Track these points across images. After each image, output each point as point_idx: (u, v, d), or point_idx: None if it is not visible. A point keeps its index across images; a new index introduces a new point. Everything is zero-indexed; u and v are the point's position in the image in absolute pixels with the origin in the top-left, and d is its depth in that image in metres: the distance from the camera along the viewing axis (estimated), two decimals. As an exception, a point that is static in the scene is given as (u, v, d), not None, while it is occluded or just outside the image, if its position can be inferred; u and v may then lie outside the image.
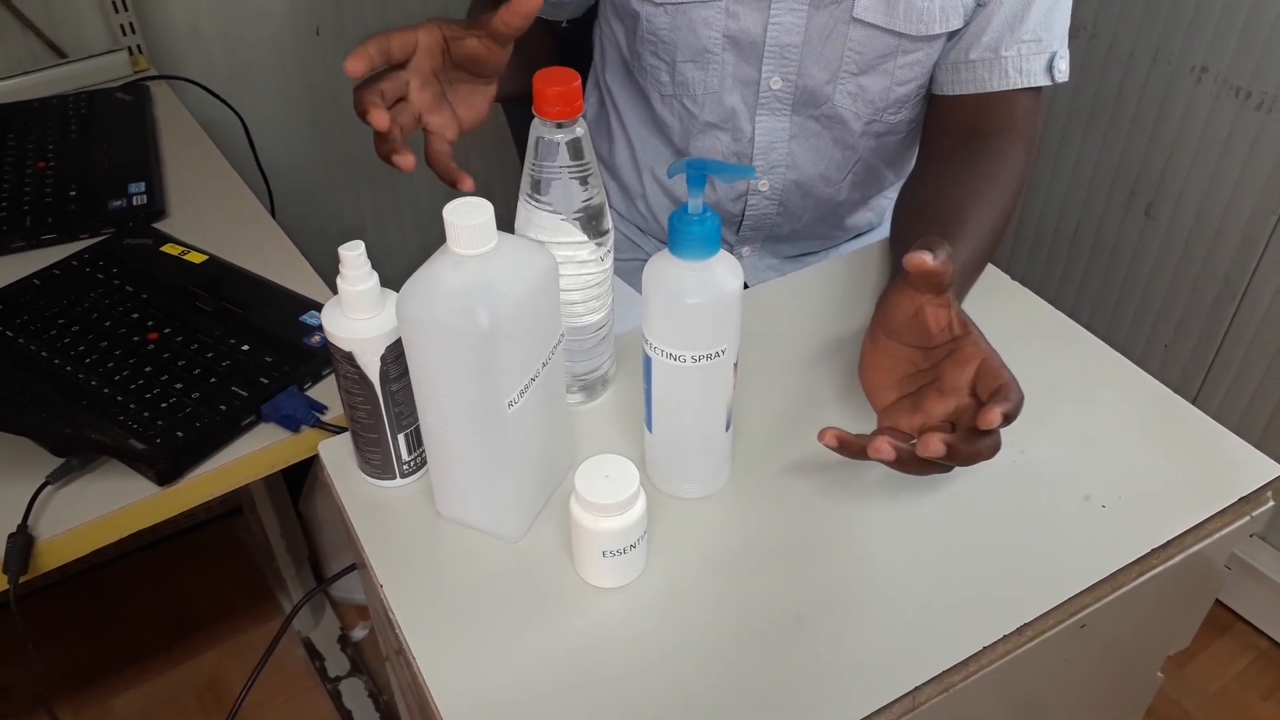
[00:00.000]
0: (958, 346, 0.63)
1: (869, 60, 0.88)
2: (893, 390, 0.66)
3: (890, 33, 0.86)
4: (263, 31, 1.35)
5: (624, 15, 0.92)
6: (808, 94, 0.91)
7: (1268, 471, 0.68)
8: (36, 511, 0.71)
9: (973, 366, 0.62)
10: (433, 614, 0.60)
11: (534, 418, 0.60)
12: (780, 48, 0.88)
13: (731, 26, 0.87)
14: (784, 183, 0.97)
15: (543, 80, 0.59)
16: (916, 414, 0.63)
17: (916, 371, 0.65)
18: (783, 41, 0.87)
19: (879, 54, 0.87)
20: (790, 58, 0.88)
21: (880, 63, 0.88)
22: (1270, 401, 1.34)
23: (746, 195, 0.98)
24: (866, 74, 0.89)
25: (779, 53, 0.88)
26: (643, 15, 0.89)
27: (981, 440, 0.59)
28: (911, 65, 0.88)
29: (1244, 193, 1.28)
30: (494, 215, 0.55)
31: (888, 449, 0.59)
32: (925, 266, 0.60)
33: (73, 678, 1.42)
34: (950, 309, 0.63)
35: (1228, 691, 1.41)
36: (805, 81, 0.90)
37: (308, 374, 0.81)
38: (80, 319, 0.85)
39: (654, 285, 0.58)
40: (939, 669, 0.57)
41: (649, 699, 0.56)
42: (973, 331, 0.63)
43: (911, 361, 0.65)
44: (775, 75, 0.89)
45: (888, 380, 0.66)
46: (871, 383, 0.67)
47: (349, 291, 0.60)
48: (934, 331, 0.64)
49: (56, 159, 1.06)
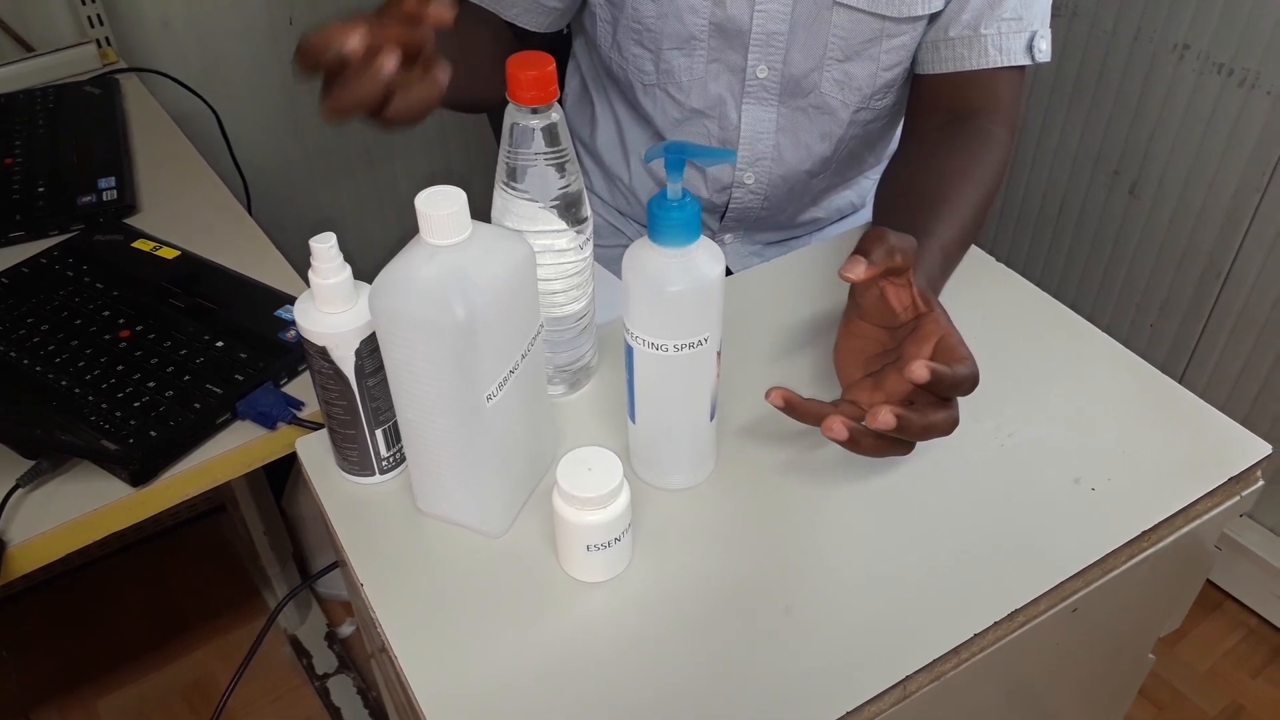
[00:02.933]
0: (919, 324, 0.63)
1: (854, 46, 0.87)
2: (859, 369, 0.66)
3: (873, 15, 0.85)
4: (235, 22, 1.33)
5: (610, 4, 0.91)
6: (794, 82, 0.90)
7: (1257, 450, 0.68)
8: (7, 516, 0.70)
9: (931, 343, 0.62)
10: (415, 612, 0.59)
11: (514, 411, 0.59)
12: (767, 35, 0.87)
13: (718, 14, 0.86)
14: (770, 177, 0.96)
15: (516, 64, 0.58)
16: (877, 391, 0.63)
17: (883, 351, 0.66)
18: (769, 29, 0.86)
19: (864, 39, 0.87)
20: (777, 45, 0.87)
21: (865, 48, 0.87)
22: (1256, 379, 1.34)
23: (731, 188, 0.97)
24: (852, 60, 0.88)
25: (765, 40, 0.87)
26: (629, 4, 0.88)
27: (935, 413, 0.59)
28: (896, 50, 0.88)
29: (1228, 170, 1.27)
30: (468, 204, 0.54)
31: (840, 428, 0.58)
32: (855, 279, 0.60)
33: (59, 681, 1.40)
34: (911, 288, 0.63)
35: (1218, 670, 1.42)
36: (791, 70, 0.89)
37: (283, 370, 0.79)
38: (50, 317, 0.84)
39: (634, 273, 0.57)
40: (930, 657, 0.56)
41: (636, 694, 0.55)
42: (935, 309, 0.63)
43: (879, 341, 0.66)
44: (761, 64, 0.88)
45: (856, 360, 0.66)
46: (841, 362, 0.67)
47: (321, 285, 0.58)
48: (897, 310, 0.64)
49: (24, 154, 1.04)
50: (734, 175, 0.96)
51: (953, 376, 0.58)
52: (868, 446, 0.60)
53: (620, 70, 0.95)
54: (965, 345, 0.61)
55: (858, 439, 0.59)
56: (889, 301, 0.64)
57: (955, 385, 0.59)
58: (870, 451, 0.60)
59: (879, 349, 0.66)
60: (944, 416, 0.60)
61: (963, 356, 0.60)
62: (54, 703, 1.38)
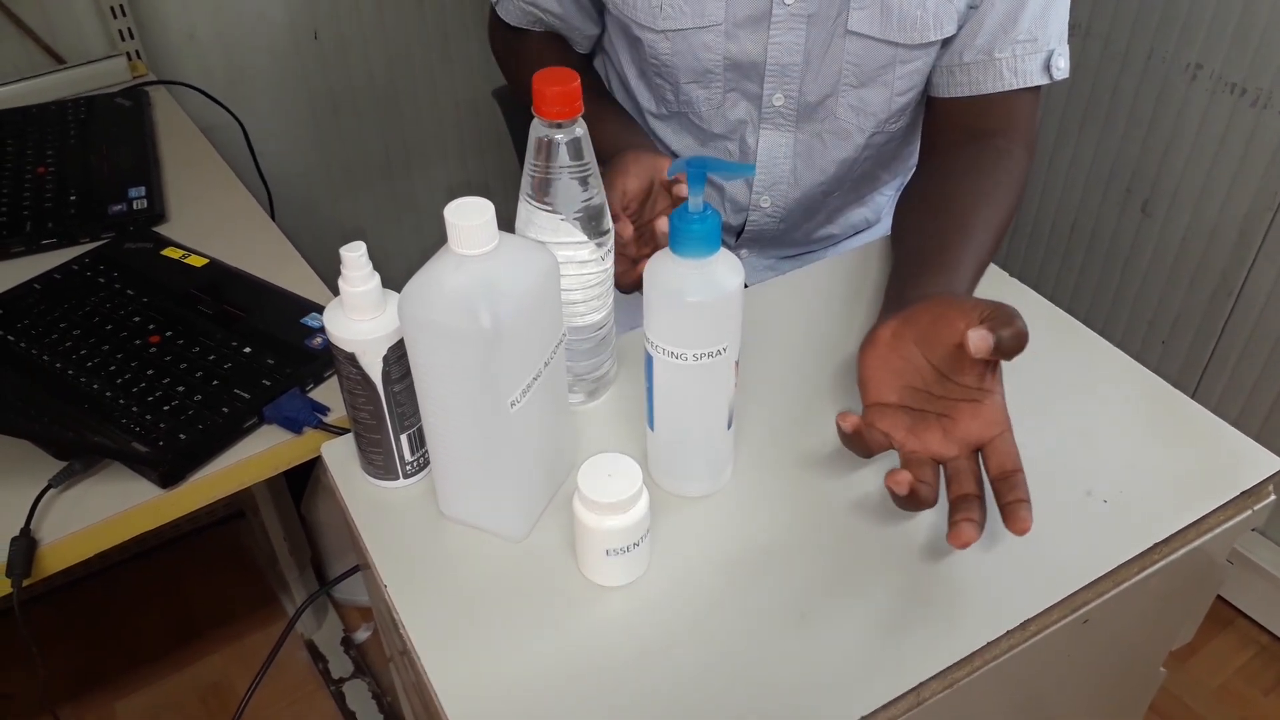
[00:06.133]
0: (984, 403, 0.61)
1: (868, 72, 0.88)
2: (892, 393, 0.63)
3: (886, 43, 0.86)
4: (261, 36, 1.36)
5: (628, 40, 0.93)
6: (810, 109, 0.91)
7: (1268, 465, 0.68)
8: (39, 515, 0.71)
9: (991, 432, 0.60)
10: (437, 614, 0.60)
11: (536, 417, 0.60)
12: (781, 66, 0.88)
13: (732, 49, 0.88)
14: (785, 200, 0.98)
15: (542, 80, 0.59)
16: (911, 436, 0.62)
17: (924, 389, 0.63)
18: (783, 61, 0.87)
19: (877, 65, 0.87)
20: (792, 75, 0.88)
21: (879, 74, 0.88)
22: (1268, 396, 1.34)
23: (748, 210, 0.99)
24: (866, 86, 0.89)
25: (780, 71, 0.88)
26: (644, 41, 0.90)
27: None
28: (910, 75, 0.88)
29: (1240, 188, 1.28)
30: (495, 215, 0.55)
31: (905, 484, 0.58)
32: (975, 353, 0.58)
33: (76, 683, 1.42)
34: (996, 367, 0.62)
35: (1230, 686, 1.41)
36: (807, 97, 0.90)
37: (309, 376, 0.81)
38: (81, 323, 0.85)
39: (655, 284, 0.59)
40: (943, 665, 0.57)
41: (653, 697, 0.56)
42: (998, 393, 0.61)
43: (923, 377, 0.63)
44: (777, 92, 0.90)
45: (892, 381, 0.63)
46: (872, 375, 0.64)
47: (350, 293, 0.60)
48: (967, 374, 0.61)
49: (56, 164, 1.06)
50: (751, 198, 0.98)
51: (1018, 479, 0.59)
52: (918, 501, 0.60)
53: (644, 96, 0.97)
54: (1017, 454, 0.60)
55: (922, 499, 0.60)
56: (964, 359, 0.60)
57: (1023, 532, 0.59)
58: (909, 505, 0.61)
59: (919, 381, 0.63)
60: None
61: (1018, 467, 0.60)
62: (72, 704, 1.39)
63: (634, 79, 0.97)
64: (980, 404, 0.61)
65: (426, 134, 1.55)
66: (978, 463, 0.61)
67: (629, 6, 0.88)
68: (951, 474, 0.61)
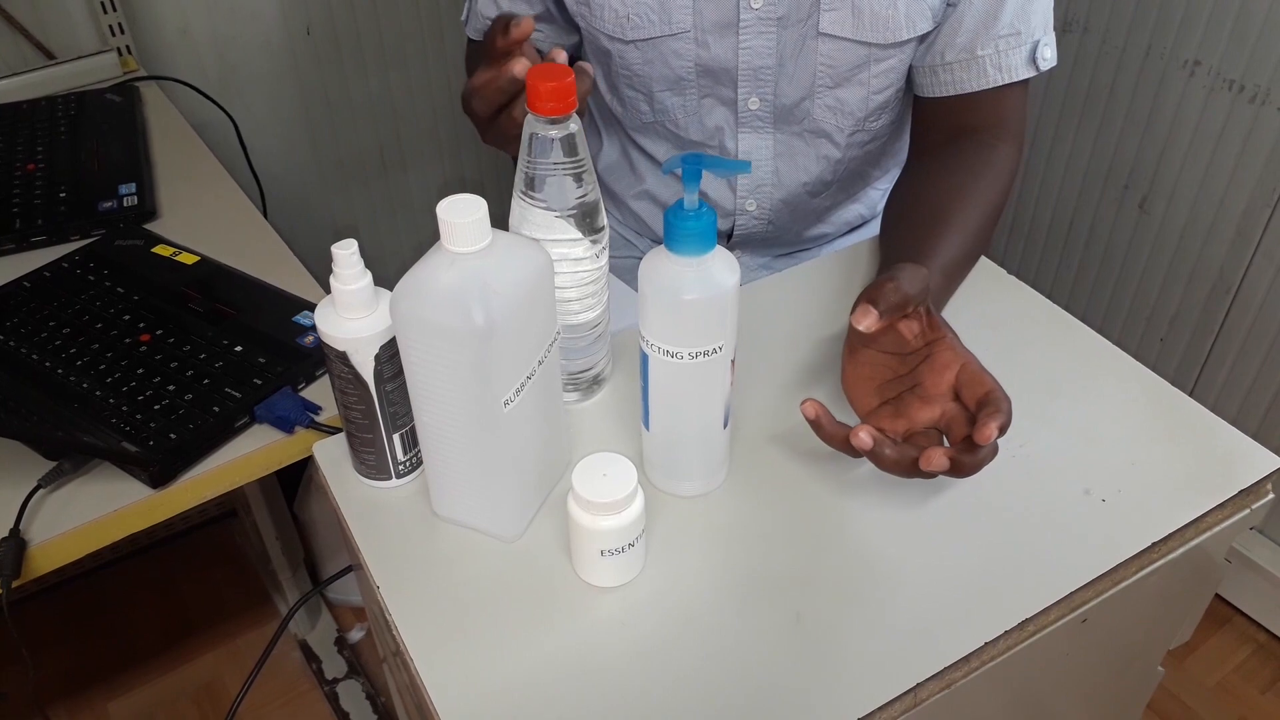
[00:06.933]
0: (933, 352, 0.64)
1: (842, 73, 0.87)
2: (873, 396, 0.66)
3: (859, 43, 0.85)
4: (253, 32, 1.35)
5: (598, 53, 0.92)
6: (786, 111, 0.90)
7: (1267, 464, 0.68)
8: (29, 516, 0.71)
9: (952, 372, 0.63)
10: (430, 615, 0.60)
11: (530, 416, 0.60)
12: (754, 70, 0.87)
13: (703, 56, 0.87)
14: (771, 202, 0.97)
15: (536, 76, 0.59)
16: (900, 419, 0.64)
17: (895, 377, 0.66)
18: (755, 65, 0.87)
19: (851, 65, 0.87)
20: (765, 79, 0.88)
21: (854, 74, 0.87)
22: (1266, 394, 1.34)
23: (735, 215, 0.98)
24: (842, 86, 0.88)
25: (753, 75, 0.88)
26: (614, 52, 0.89)
27: (981, 450, 0.59)
28: (885, 73, 0.88)
29: (1238, 186, 1.28)
30: (488, 212, 0.55)
31: (865, 437, 0.59)
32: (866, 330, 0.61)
33: (69, 683, 1.41)
34: (920, 316, 0.64)
35: (1227, 684, 1.41)
36: (782, 100, 0.89)
37: (301, 375, 0.80)
38: (71, 321, 0.85)
39: (650, 281, 0.58)
40: (940, 665, 0.57)
41: (648, 698, 0.55)
42: (946, 335, 0.64)
43: (889, 367, 0.66)
44: (752, 96, 0.89)
45: (868, 387, 0.67)
46: (853, 391, 0.67)
47: (342, 291, 0.59)
48: (908, 338, 0.65)
49: (46, 160, 1.06)
50: (736, 203, 0.97)
51: (1006, 424, 0.59)
52: (901, 470, 0.60)
53: (619, 110, 0.96)
54: (988, 373, 0.62)
55: (897, 461, 0.60)
56: (899, 331, 0.64)
57: (1004, 430, 0.59)
58: (901, 473, 0.61)
59: (890, 374, 0.66)
60: (989, 451, 0.60)
61: (992, 387, 0.61)
62: (65, 704, 1.38)
63: (607, 92, 0.96)
64: (932, 356, 0.63)
65: (419, 131, 1.54)
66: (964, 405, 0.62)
67: (597, 19, 0.87)
68: (946, 428, 0.62)
